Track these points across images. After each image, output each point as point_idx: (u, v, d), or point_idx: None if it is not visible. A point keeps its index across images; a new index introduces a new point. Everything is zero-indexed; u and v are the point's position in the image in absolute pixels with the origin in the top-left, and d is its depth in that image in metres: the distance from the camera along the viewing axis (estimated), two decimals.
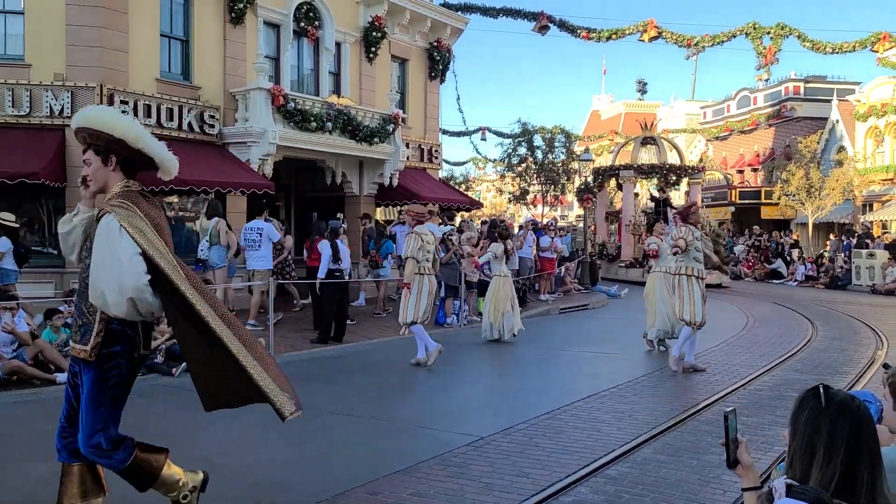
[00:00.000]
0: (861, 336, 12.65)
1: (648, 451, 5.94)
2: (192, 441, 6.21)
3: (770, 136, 39.92)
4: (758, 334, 12.88)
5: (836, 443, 2.24)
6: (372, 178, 18.01)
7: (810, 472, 2.26)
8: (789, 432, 2.39)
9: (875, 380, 8.27)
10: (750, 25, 21.89)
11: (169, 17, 14.42)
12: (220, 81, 15.04)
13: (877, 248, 24.16)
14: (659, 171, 25.96)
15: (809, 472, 2.26)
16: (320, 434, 6.49)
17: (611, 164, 28.41)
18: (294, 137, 15.04)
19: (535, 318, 15.32)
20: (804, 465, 2.28)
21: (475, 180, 54.53)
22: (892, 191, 31.02)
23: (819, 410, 2.30)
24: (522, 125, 35.55)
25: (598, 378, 8.97)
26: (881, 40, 22.20)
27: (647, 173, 26.60)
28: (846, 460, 2.23)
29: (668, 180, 26.13)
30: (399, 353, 10.35)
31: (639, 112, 59.83)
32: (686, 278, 9.29)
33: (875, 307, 17.62)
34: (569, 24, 22.26)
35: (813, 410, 2.32)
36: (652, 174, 26.55)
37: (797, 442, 2.33)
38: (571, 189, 36.16)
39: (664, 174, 25.90)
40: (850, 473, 2.23)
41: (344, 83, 17.98)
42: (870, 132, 33.27)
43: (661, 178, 26.22)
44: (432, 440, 6.24)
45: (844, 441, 2.24)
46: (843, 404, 2.30)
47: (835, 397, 2.32)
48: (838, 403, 2.30)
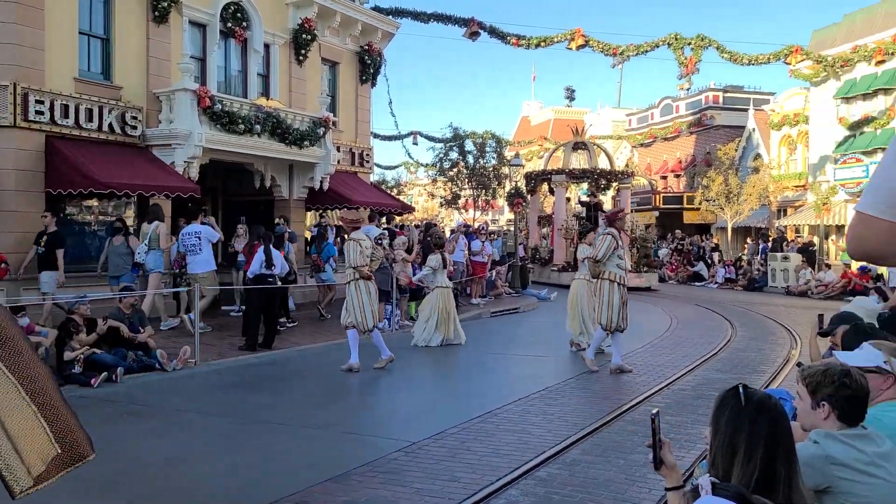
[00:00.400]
0: (777, 336, 13.20)
1: (577, 452, 6.05)
2: (115, 454, 5.99)
3: (691, 143, 41.30)
4: (681, 335, 13.28)
5: (755, 440, 2.32)
6: (302, 182, 17.78)
7: (732, 469, 2.34)
8: (710, 431, 2.46)
9: (790, 378, 8.65)
10: (672, 36, 22.61)
11: (88, 14, 13.91)
12: (142, 81, 14.59)
13: (790, 251, 25.28)
14: (590, 175, 26.37)
15: (731, 469, 2.34)
16: (247, 444, 6.36)
17: (543, 169, 28.61)
18: (221, 140, 14.71)
19: (466, 322, 15.37)
20: (726, 462, 2.36)
21: (407, 184, 54.50)
22: (804, 197, 32.51)
23: (739, 409, 2.38)
24: (454, 130, 35.79)
25: (528, 381, 9.08)
26: (793, 53, 23.30)
27: (579, 178, 26.96)
28: (765, 457, 2.31)
29: (598, 185, 26.50)
30: (329, 359, 10.24)
31: (567, 118, 60.98)
32: (608, 283, 9.49)
33: (789, 308, 18.42)
34: (499, 30, 22.51)
35: (733, 410, 2.40)
36: (583, 179, 26.96)
37: (719, 440, 2.41)
38: (502, 194, 36.56)
39: (595, 179, 26.31)
40: (770, 470, 2.31)
41: (273, 85, 17.70)
42: (783, 140, 34.82)
43: (591, 182, 26.61)
44: (364, 447, 6.20)
45: (763, 439, 2.32)
46: (761, 403, 2.39)
47: (753, 396, 2.41)
48: (757, 402, 2.39)
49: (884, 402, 3.20)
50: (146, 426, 6.95)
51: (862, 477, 2.61)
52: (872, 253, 1.93)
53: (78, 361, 8.65)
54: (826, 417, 2.76)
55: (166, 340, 10.90)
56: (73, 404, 7.93)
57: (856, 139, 29.17)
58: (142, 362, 9.35)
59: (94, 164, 12.78)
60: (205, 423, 7.04)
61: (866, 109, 29.07)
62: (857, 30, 29.16)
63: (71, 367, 8.58)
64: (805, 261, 24.04)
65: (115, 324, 9.47)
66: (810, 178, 31.57)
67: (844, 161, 28.93)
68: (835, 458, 2.64)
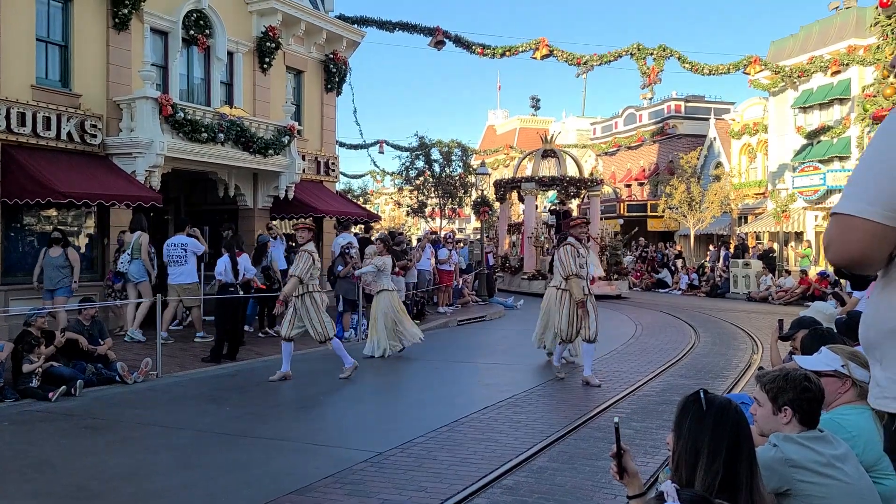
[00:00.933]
0: (738, 341, 13.40)
1: (544, 460, 6.05)
2: (73, 469, 5.85)
3: (654, 151, 41.89)
4: (646, 342, 13.41)
5: (718, 445, 2.34)
6: (267, 191, 17.62)
7: (695, 474, 2.35)
8: (673, 437, 2.48)
9: (752, 382, 8.77)
10: (634, 46, 22.91)
11: (46, 20, 13.64)
12: (102, 89, 14.34)
13: (752, 258, 25.73)
14: (559, 183, 26.34)
15: (694, 474, 2.36)
16: (210, 456, 6.25)
17: (512, 177, 28.56)
18: (183, 149, 14.51)
19: (433, 331, 15.37)
20: (689, 467, 2.38)
21: (373, 193, 54.38)
22: (764, 204, 33.14)
23: (701, 415, 2.40)
24: (420, 139, 35.74)
25: (495, 389, 9.09)
26: (752, 63, 23.75)
27: (548, 185, 26.91)
28: (728, 461, 2.34)
29: (568, 192, 26.47)
30: (293, 370, 10.13)
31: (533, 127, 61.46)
32: (568, 294, 9.50)
33: (751, 314, 18.73)
34: (464, 39, 22.59)
35: (695, 415, 2.42)
36: (553, 186, 26.90)
37: (681, 446, 2.42)
38: (468, 202, 36.64)
39: (564, 186, 26.29)
40: (732, 473, 2.34)
41: (237, 94, 17.54)
42: (743, 149, 35.50)
43: (561, 190, 26.60)
44: (329, 458, 6.13)
45: (726, 442, 2.34)
46: (722, 408, 2.42)
47: (714, 401, 2.43)
48: (718, 407, 2.42)
49: (843, 406, 3.26)
50: (104, 440, 6.79)
51: (819, 478, 2.66)
52: (856, 257, 1.85)
53: (36, 375, 8.43)
54: (788, 422, 2.81)
55: (127, 353, 10.69)
56: (30, 418, 7.79)
57: (813, 148, 29.85)
58: (101, 375, 9.16)
59: (52, 174, 12.52)
60: (165, 437, 6.90)
61: (823, 119, 29.78)
62: (813, 41, 29.89)
63: (28, 381, 8.36)
64: (766, 267, 24.49)
65: (74, 336, 9.27)
66: (770, 185, 32.21)
67: (802, 169, 29.57)
68: (793, 461, 2.68)
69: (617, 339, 13.34)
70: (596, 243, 23.80)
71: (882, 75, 12.99)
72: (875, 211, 1.79)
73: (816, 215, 30.38)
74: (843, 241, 1.85)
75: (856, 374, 3.28)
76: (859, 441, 3.05)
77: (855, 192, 1.86)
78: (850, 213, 1.83)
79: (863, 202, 1.82)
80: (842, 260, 1.90)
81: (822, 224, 30.29)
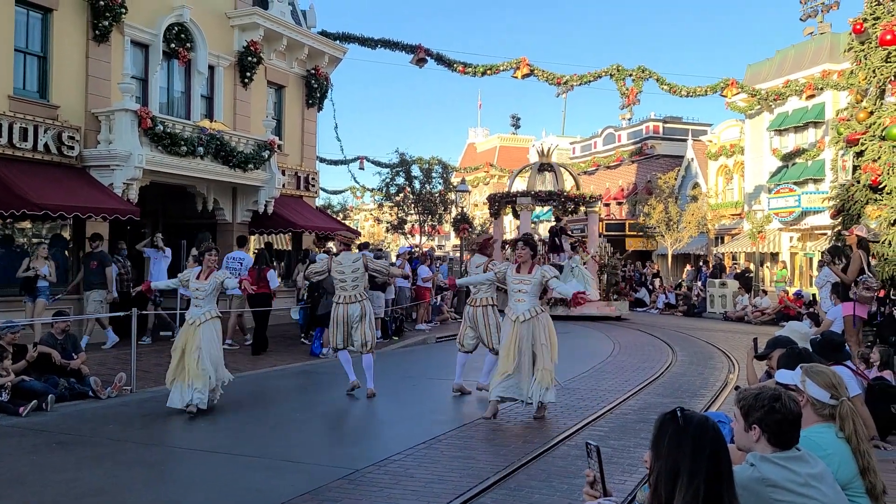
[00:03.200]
0: (715, 360, 13.49)
1: (522, 477, 6.03)
2: (44, 485, 5.74)
3: (633, 171, 42.31)
4: (623, 360, 13.46)
5: (697, 464, 2.33)
6: (246, 206, 17.54)
7: (675, 493, 2.35)
8: (651, 456, 2.47)
9: (728, 401, 8.83)
10: (614, 67, 23.18)
11: (25, 31, 13.55)
12: (81, 101, 14.24)
13: (728, 278, 25.99)
14: (557, 198, 24.93)
15: (674, 493, 2.35)
16: (180, 474, 6.16)
17: (507, 191, 27.27)
18: (162, 162, 14.42)
19: (412, 347, 15.32)
20: (668, 487, 2.37)
21: (353, 209, 54.30)
22: (740, 224, 33.56)
23: (679, 433, 2.40)
24: (400, 155, 35.80)
25: (473, 406, 9.06)
26: (729, 86, 24.13)
27: (545, 201, 25.59)
28: (707, 479, 2.32)
29: (565, 208, 25.11)
30: (269, 385, 10.04)
31: (513, 146, 61.89)
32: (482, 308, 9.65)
33: (727, 333, 18.87)
34: (445, 58, 22.74)
35: (673, 433, 2.41)
36: (549, 202, 25.60)
37: (660, 465, 2.41)
38: (448, 219, 36.69)
39: (562, 202, 24.96)
40: (712, 493, 2.33)
41: (217, 107, 17.48)
42: (720, 170, 35.99)
43: (558, 206, 25.29)
44: (304, 475, 6.06)
45: (705, 461, 2.34)
46: (700, 426, 2.42)
47: (692, 419, 2.43)
48: (696, 425, 2.42)
49: (816, 425, 3.30)
50: (76, 456, 6.67)
51: (797, 498, 2.68)
52: None
53: (6, 389, 8.27)
54: (757, 440, 2.83)
55: (101, 367, 10.53)
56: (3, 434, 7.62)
57: (788, 170, 30.34)
58: (74, 390, 9.00)
59: (28, 185, 12.37)
60: (137, 453, 6.79)
61: (798, 141, 30.30)
62: (788, 65, 30.46)
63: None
64: (742, 287, 24.74)
65: (46, 350, 9.11)
66: (746, 206, 32.64)
67: (778, 191, 30.03)
68: (770, 480, 2.69)
69: (594, 357, 13.37)
70: (595, 262, 23.40)
71: (856, 100, 13.25)
72: None
73: (791, 236, 30.82)
74: None
75: (810, 391, 3.33)
76: (833, 459, 3.08)
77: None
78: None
79: None
80: None
81: (797, 245, 30.73)
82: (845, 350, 6.40)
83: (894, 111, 11.75)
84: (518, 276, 8.15)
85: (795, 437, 2.83)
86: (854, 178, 12.54)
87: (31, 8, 13.60)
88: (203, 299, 8.68)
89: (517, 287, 8.14)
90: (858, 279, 9.34)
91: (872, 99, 12.50)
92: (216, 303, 8.93)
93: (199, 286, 8.71)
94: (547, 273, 8.15)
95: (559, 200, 25.03)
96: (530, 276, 8.09)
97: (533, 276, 8.06)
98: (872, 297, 9.33)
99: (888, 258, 11.21)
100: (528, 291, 8.06)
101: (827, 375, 3.39)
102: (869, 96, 12.66)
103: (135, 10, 15.00)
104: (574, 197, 25.54)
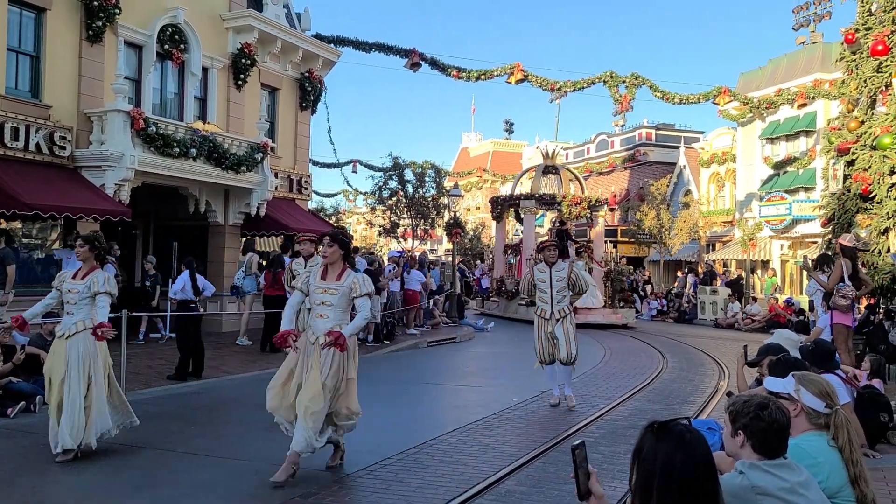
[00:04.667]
0: (706, 367, 13.52)
1: (512, 483, 6.03)
2: (30, 487, 5.69)
3: (625, 178, 42.43)
4: (614, 366, 13.48)
5: (670, 474, 2.28)
6: (238, 208, 17.49)
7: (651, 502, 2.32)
8: (630, 467, 2.45)
9: (719, 408, 8.85)
10: (607, 74, 23.24)
11: (18, 31, 13.49)
12: (73, 101, 14.18)
13: (720, 285, 26.08)
14: (561, 201, 24.40)
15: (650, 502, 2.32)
16: (173, 476, 6.12)
17: (510, 194, 26.82)
18: (154, 163, 14.37)
19: (403, 352, 15.31)
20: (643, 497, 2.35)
21: (346, 212, 54.22)
22: (731, 232, 33.68)
23: (655, 445, 2.36)
24: (393, 159, 35.79)
25: (464, 411, 9.05)
26: (722, 94, 24.23)
27: (549, 204, 24.97)
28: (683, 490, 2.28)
29: (570, 212, 24.40)
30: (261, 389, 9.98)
31: (506, 151, 62.02)
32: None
33: (717, 340, 18.93)
34: (440, 62, 22.74)
35: (650, 444, 2.37)
36: (554, 205, 24.89)
37: (638, 475, 2.39)
38: (441, 223, 36.69)
39: (568, 206, 24.27)
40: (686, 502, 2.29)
41: (210, 109, 17.44)
42: (712, 178, 36.14)
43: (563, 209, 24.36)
44: (295, 479, 6.03)
45: (679, 472, 2.29)
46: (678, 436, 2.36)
47: (671, 431, 2.38)
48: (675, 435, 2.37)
49: (806, 433, 3.30)
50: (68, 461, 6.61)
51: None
52: None
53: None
54: (742, 446, 2.83)
55: None
56: None
57: (780, 178, 30.48)
58: None
59: (19, 185, 12.31)
60: (125, 456, 6.75)
61: (789, 150, 30.46)
62: (780, 74, 30.64)
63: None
64: (733, 294, 24.83)
65: (35, 351, 9.05)
66: (737, 214, 32.78)
67: (769, 199, 30.17)
68: (759, 488, 2.70)
69: (585, 364, 13.36)
70: (600, 267, 22.89)
71: (847, 109, 13.33)
72: None
73: (782, 244, 30.95)
74: None
75: (805, 400, 3.33)
76: (824, 467, 3.08)
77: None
78: None
79: None
80: None
81: (787, 253, 30.87)
82: (836, 359, 6.43)
83: (885, 121, 11.82)
84: (323, 284, 6.23)
85: (781, 447, 2.81)
86: (845, 187, 12.60)
87: (24, 7, 13.54)
88: (76, 304, 6.62)
89: (320, 299, 6.22)
90: (836, 287, 9.38)
91: (863, 108, 12.58)
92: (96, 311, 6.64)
93: (73, 287, 6.65)
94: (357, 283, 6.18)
95: (564, 203, 24.12)
96: (338, 283, 6.19)
97: (341, 284, 6.18)
98: (849, 306, 9.35)
99: (878, 267, 11.27)
100: (334, 304, 6.16)
101: (821, 384, 3.39)
102: (860, 106, 12.74)
103: (129, 10, 14.96)
104: (579, 200, 24.66)
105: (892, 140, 11.47)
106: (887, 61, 12.00)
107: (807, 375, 3.51)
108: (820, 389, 3.34)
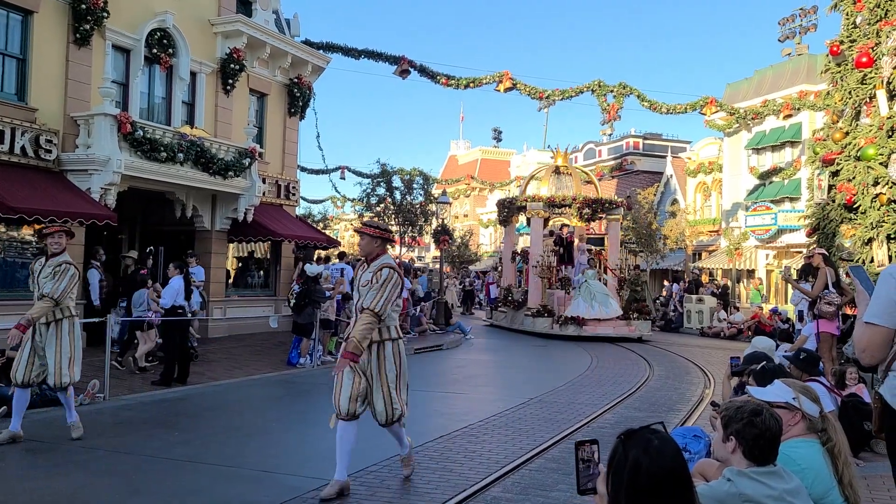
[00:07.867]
0: (692, 376, 13.57)
1: (498, 490, 6.02)
2: (11, 493, 5.62)
3: (613, 186, 42.61)
4: (601, 374, 13.50)
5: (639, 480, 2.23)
6: (225, 213, 17.42)
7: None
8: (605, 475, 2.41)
9: (704, 416, 8.88)
10: (595, 83, 23.36)
11: (4, 33, 13.40)
12: (60, 104, 14.09)
13: (706, 293, 26.21)
14: (572, 204, 23.09)
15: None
16: (156, 483, 6.07)
17: (518, 196, 25.79)
18: (141, 167, 14.29)
19: None
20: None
21: (333, 219, 54.12)
22: (717, 241, 33.88)
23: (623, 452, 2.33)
24: (382, 166, 35.76)
25: (450, 418, 9.03)
26: (708, 104, 24.38)
27: (561, 207, 23.75)
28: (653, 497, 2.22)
29: (581, 216, 23.15)
30: (246, 394, 9.95)
31: (494, 158, 62.16)
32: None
33: (703, 348, 19.01)
34: (429, 69, 22.77)
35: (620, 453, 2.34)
36: (565, 208, 23.63)
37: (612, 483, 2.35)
38: (429, 230, 36.68)
39: (579, 209, 23.00)
40: None
41: (198, 114, 17.38)
42: (699, 187, 36.36)
43: (576, 213, 23.22)
44: (279, 485, 6.00)
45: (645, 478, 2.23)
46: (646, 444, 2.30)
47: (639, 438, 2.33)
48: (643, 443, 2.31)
49: (793, 439, 3.32)
50: (45, 464, 6.55)
51: None
52: (877, 355, 2.84)
53: None
54: (732, 451, 2.83)
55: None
56: None
57: (765, 188, 30.71)
58: (46, 396, 8.84)
59: (3, 188, 12.19)
60: (109, 462, 6.68)
61: (775, 160, 30.70)
62: (766, 85, 30.92)
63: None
64: (720, 303, 24.97)
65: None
66: (723, 223, 32.97)
67: (755, 209, 30.38)
68: (747, 496, 2.70)
69: (572, 371, 13.40)
70: (614, 275, 22.28)
71: (832, 120, 13.46)
72: None
73: (767, 254, 31.15)
74: (870, 344, 3.02)
75: (805, 408, 3.35)
76: (809, 473, 3.10)
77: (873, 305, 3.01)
78: (872, 321, 2.94)
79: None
80: (872, 361, 3.08)
81: (772, 262, 31.07)
82: (820, 367, 6.47)
83: (869, 132, 11.94)
84: None
85: (772, 455, 2.81)
86: (829, 198, 12.71)
87: (10, 10, 13.45)
88: None
89: None
90: (820, 294, 9.45)
91: (848, 119, 12.71)
92: None
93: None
94: None
95: (576, 206, 22.89)
96: None
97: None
98: (834, 313, 9.42)
99: None
100: None
101: (810, 389, 3.43)
102: (845, 117, 12.87)
103: (117, 14, 14.89)
104: (592, 202, 23.22)
105: (876, 151, 11.59)
106: (871, 73, 12.14)
107: (796, 383, 3.53)
108: (812, 395, 3.39)
